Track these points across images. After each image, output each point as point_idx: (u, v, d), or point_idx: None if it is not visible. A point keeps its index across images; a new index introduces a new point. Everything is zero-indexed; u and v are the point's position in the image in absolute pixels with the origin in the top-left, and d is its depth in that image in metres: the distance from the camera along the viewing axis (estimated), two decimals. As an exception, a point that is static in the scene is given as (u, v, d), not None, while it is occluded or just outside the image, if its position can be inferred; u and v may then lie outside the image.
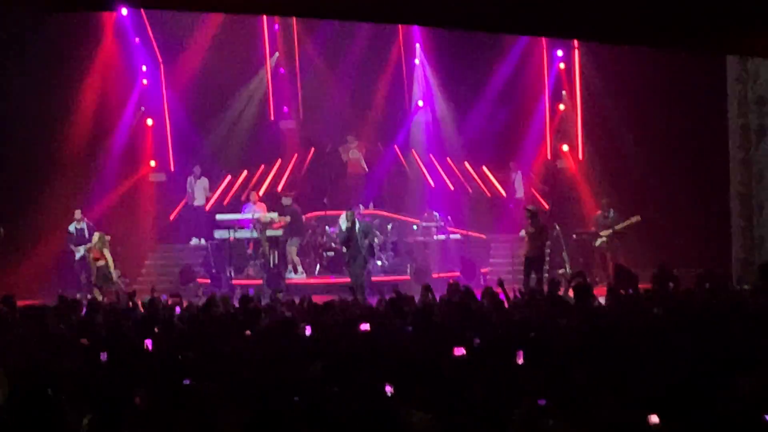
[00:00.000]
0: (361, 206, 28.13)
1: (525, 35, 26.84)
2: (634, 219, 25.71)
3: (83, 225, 26.44)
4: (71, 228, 26.40)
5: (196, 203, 29.09)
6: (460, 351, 10.68)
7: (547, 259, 25.59)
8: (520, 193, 28.77)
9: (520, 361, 10.29)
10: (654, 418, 7.35)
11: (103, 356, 11.06)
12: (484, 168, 29.92)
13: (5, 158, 26.19)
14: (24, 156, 26.46)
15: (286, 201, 26.89)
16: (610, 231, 25.92)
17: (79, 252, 26.12)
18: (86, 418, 8.03)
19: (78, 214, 26.45)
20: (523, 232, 24.92)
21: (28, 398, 7.77)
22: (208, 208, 29.15)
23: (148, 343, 12.12)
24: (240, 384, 9.21)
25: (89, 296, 22.45)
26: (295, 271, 26.70)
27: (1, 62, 25.87)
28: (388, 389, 8.98)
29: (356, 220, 24.45)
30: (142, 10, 27.30)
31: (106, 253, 24.97)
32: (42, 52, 26.28)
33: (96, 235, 25.26)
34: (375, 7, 13.46)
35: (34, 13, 24.86)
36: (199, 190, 28.99)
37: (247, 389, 8.83)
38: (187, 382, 9.52)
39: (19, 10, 23.59)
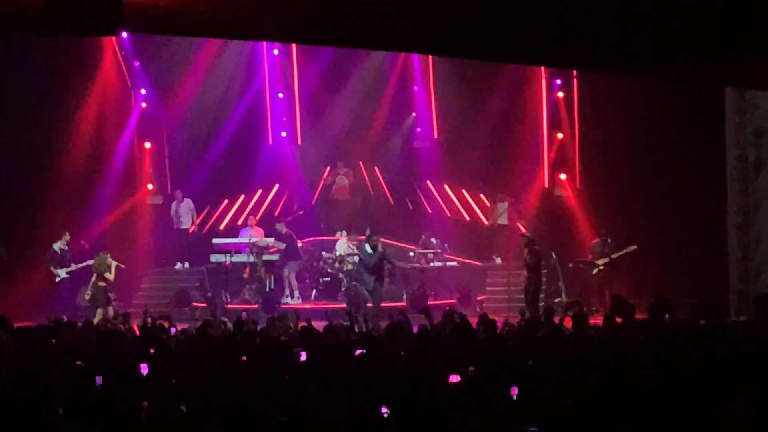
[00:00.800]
0: (354, 234, 28.14)
1: (523, 65, 26.87)
2: (630, 248, 25.73)
3: (66, 247, 26.34)
4: (56, 247, 26.31)
5: (182, 227, 29.01)
6: (455, 378, 10.68)
7: (543, 287, 25.61)
8: (503, 220, 28.57)
9: (514, 394, 10.29)
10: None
11: (98, 380, 11.05)
12: (464, 192, 29.89)
13: (2, 181, 26.20)
14: (21, 177, 26.54)
15: (280, 227, 26.88)
16: (607, 260, 25.94)
17: (59, 276, 26.03)
18: None
19: (67, 236, 26.45)
20: (498, 259, 25.17)
21: (24, 419, 7.77)
22: (191, 230, 29.10)
23: (144, 367, 12.11)
24: (233, 406, 9.20)
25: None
26: (292, 296, 26.68)
27: (1, 84, 25.90)
28: (384, 411, 8.99)
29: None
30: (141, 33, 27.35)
31: (108, 275, 24.84)
32: (41, 73, 26.39)
33: (99, 257, 25.09)
34: (374, 35, 13.50)
35: (34, 37, 24.91)
36: (184, 214, 28.92)
37: (240, 411, 8.82)
38: (182, 407, 9.51)
39: (19, 33, 23.67)
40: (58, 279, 26.09)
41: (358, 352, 13.09)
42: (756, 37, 11.99)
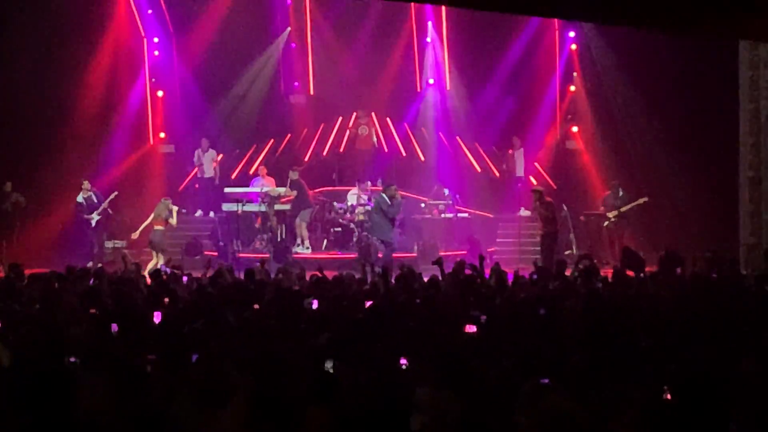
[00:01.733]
0: (369, 183, 28.17)
1: (537, 16, 26.76)
2: (641, 200, 25.74)
3: (91, 194, 26.41)
4: (79, 198, 26.33)
5: (206, 176, 29.05)
6: (471, 328, 10.73)
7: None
8: (520, 171, 28.66)
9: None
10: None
11: (114, 327, 11.13)
12: (477, 145, 29.86)
13: (15, 129, 26.25)
14: (34, 127, 26.57)
15: (293, 175, 26.81)
16: (617, 212, 25.94)
17: (94, 219, 26.13)
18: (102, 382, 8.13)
19: (86, 184, 26.36)
20: (523, 211, 25.22)
21: (40, 364, 7.84)
22: (216, 180, 29.15)
23: (157, 315, 12.19)
24: (246, 354, 9.26)
25: (99, 264, 22.43)
26: (303, 244, 26.71)
27: (13, 33, 25.87)
28: (403, 362, 9.06)
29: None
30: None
31: (171, 220, 25.05)
32: (53, 22, 26.32)
33: (161, 203, 25.26)
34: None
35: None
36: (207, 163, 28.95)
37: (253, 360, 8.88)
38: (195, 356, 9.57)
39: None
40: (93, 223, 26.16)
41: (369, 303, 13.16)
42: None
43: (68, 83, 27.13)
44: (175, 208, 25.19)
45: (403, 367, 9.09)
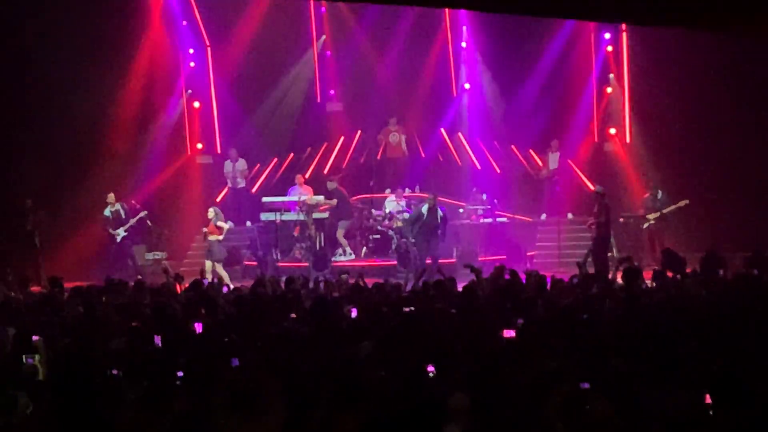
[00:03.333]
0: (407, 189, 28.19)
1: (571, 19, 26.68)
2: (683, 203, 25.58)
3: (118, 207, 26.40)
4: (106, 212, 26.30)
5: (238, 186, 29.10)
6: (509, 333, 10.68)
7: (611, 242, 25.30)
8: (546, 172, 28.54)
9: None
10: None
11: (157, 340, 11.16)
12: (513, 148, 29.77)
13: (52, 142, 26.34)
14: (71, 139, 26.64)
15: (331, 185, 26.80)
16: (658, 214, 25.81)
17: (119, 235, 26.17)
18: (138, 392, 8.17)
19: (111, 197, 26.35)
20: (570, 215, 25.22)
21: (77, 376, 7.87)
22: (254, 190, 29.21)
23: (197, 326, 12.21)
24: (284, 363, 9.26)
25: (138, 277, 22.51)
26: (345, 253, 26.68)
27: (50, 46, 25.99)
28: (430, 369, 9.01)
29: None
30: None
31: (224, 225, 25.19)
32: (90, 34, 26.43)
33: (211, 210, 25.40)
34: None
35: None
36: (238, 173, 28.98)
37: (290, 369, 8.88)
38: (235, 362, 9.59)
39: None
40: (119, 239, 26.18)
41: (407, 309, 13.15)
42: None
43: (104, 96, 27.23)
44: (225, 224, 25.40)
45: (431, 374, 9.03)
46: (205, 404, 7.88)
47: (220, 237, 24.96)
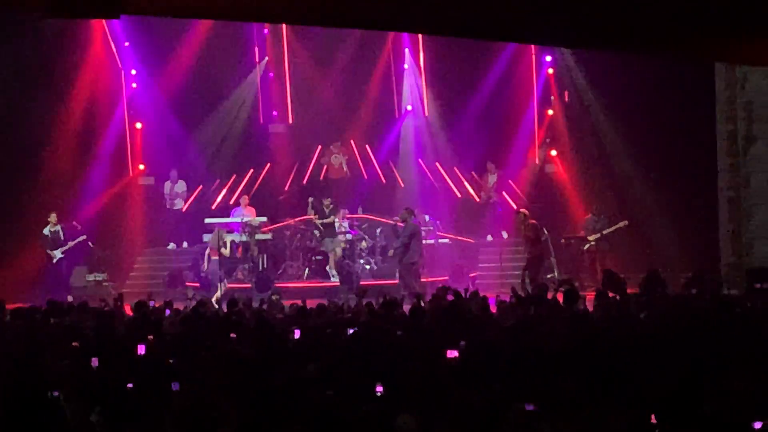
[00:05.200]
0: (346, 210, 28.21)
1: (513, 42, 26.85)
2: (622, 223, 25.83)
3: (58, 228, 26.26)
4: (46, 231, 26.15)
5: (175, 207, 29.03)
6: (453, 353, 10.73)
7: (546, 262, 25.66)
8: (485, 196, 28.74)
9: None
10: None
11: (95, 361, 11.11)
12: (455, 169, 29.90)
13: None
14: (11, 159, 26.46)
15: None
16: (598, 235, 26.01)
17: (55, 256, 26.00)
18: (93, 415, 8.13)
19: (53, 217, 26.21)
20: (505, 234, 25.47)
21: (25, 399, 7.82)
22: (184, 209, 29.11)
23: (141, 348, 12.17)
24: (230, 386, 9.25)
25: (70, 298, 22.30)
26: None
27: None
28: (379, 389, 9.04)
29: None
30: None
31: (224, 250, 25.22)
32: (31, 54, 26.32)
33: (215, 233, 25.56)
34: (363, 14, 13.49)
35: (24, 18, 24.88)
36: (177, 195, 28.92)
37: (237, 391, 8.87)
38: (176, 386, 9.56)
39: (9, 15, 23.63)
40: (54, 260, 26.02)
41: (351, 330, 13.18)
42: (746, 13, 12.01)
43: (46, 117, 27.05)
44: (228, 238, 25.32)
45: (378, 394, 9.07)
46: (155, 427, 7.87)
47: (217, 258, 25.27)
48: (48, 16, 12.13)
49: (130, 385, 9.65)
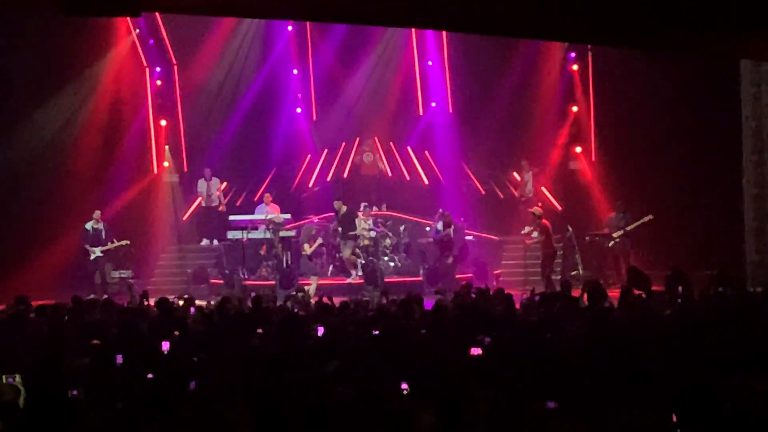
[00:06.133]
0: (374, 207, 28.23)
1: (538, 39, 26.82)
2: (646, 218, 25.71)
3: (100, 226, 26.39)
4: (88, 226, 26.26)
5: (212, 205, 29.09)
6: (476, 351, 10.70)
7: (558, 260, 25.68)
8: (530, 193, 28.70)
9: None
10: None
11: (119, 358, 11.10)
12: (480, 167, 29.88)
13: (19, 159, 26.28)
14: (38, 157, 26.56)
15: (338, 205, 26.57)
16: (622, 232, 25.93)
17: (94, 253, 26.10)
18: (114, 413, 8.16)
19: (97, 214, 26.34)
20: (526, 229, 25.53)
21: (44, 397, 7.84)
22: (220, 208, 29.19)
23: (165, 345, 12.18)
24: (251, 383, 9.25)
25: (104, 296, 22.42)
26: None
27: (16, 64, 25.95)
28: (404, 387, 9.03)
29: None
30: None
31: (306, 247, 25.64)
32: (55, 53, 26.40)
33: (305, 228, 26.10)
34: (387, 11, 13.50)
35: (51, 16, 24.98)
36: (213, 192, 28.99)
37: (258, 388, 8.86)
38: (194, 384, 9.56)
39: (34, 14, 23.74)
40: (92, 257, 26.11)
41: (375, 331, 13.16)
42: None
43: (71, 115, 27.17)
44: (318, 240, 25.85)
45: (404, 392, 9.06)
46: (174, 425, 7.87)
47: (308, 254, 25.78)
48: (68, 15, 12.11)
49: (151, 383, 9.66)
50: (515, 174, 29.60)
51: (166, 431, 7.85)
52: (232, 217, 27.69)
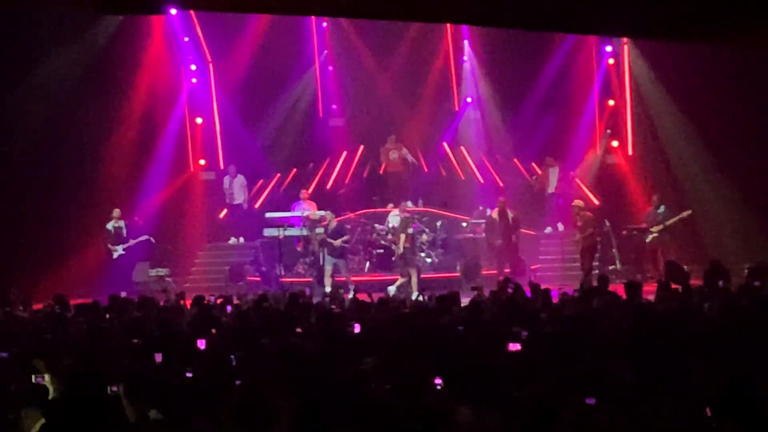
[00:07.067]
0: (410, 203, 28.24)
1: (574, 33, 26.73)
2: (685, 213, 25.55)
3: (121, 224, 26.45)
4: (109, 226, 26.31)
5: (235, 202, 29.11)
6: (515, 346, 10.66)
7: (597, 254, 25.56)
8: (551, 188, 28.58)
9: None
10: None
11: (158, 357, 11.14)
12: (516, 162, 29.83)
13: (57, 159, 26.40)
14: (75, 156, 26.67)
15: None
16: (661, 227, 25.78)
17: (117, 251, 26.17)
18: (151, 412, 8.18)
19: (117, 212, 26.40)
20: (553, 228, 25.53)
21: (85, 395, 7.87)
22: (257, 206, 29.23)
23: (201, 343, 12.20)
24: (290, 380, 9.25)
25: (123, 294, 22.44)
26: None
27: (51, 62, 26.07)
28: (438, 381, 9.01)
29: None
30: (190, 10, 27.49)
31: (402, 237, 25.37)
32: (92, 52, 26.53)
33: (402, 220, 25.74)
34: (422, 7, 13.50)
35: (86, 14, 25.11)
36: (237, 189, 29.01)
37: (297, 385, 8.87)
38: (237, 382, 9.58)
39: (72, 10, 23.85)
40: (115, 255, 26.19)
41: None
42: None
43: (107, 113, 27.22)
44: (409, 230, 25.63)
45: (438, 387, 9.04)
46: (214, 422, 7.89)
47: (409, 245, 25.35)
48: (103, 13, 12.21)
49: (189, 380, 9.69)
50: (537, 168, 29.49)
51: (206, 428, 7.86)
52: (268, 214, 27.69)
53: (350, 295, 20.08)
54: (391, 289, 23.66)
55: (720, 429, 7.11)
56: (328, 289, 23.51)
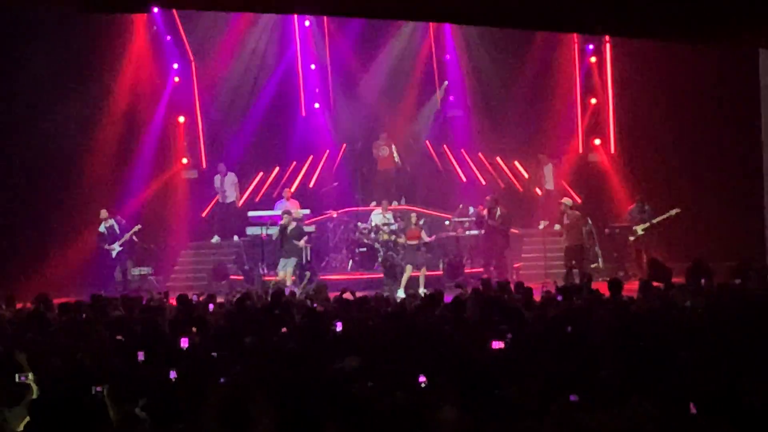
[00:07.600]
0: (395, 202, 28.25)
1: (556, 31, 26.76)
2: (674, 211, 25.47)
3: (112, 222, 26.43)
4: (101, 228, 26.33)
5: (227, 201, 29.06)
6: (498, 344, 10.68)
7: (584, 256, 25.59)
8: (550, 185, 28.63)
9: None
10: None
11: (140, 355, 11.12)
12: (516, 163, 29.85)
13: (37, 158, 26.34)
14: (56, 155, 26.60)
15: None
16: (648, 225, 25.76)
17: (115, 250, 26.15)
18: (138, 409, 8.18)
19: (104, 213, 26.39)
20: (557, 226, 25.45)
21: (69, 394, 7.86)
22: (240, 204, 29.20)
23: (184, 341, 12.19)
24: (273, 379, 9.25)
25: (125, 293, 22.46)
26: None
27: (33, 61, 25.98)
28: (422, 380, 9.02)
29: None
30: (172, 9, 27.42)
31: (423, 234, 25.59)
32: (73, 50, 26.45)
33: (413, 216, 25.92)
34: (405, 5, 13.49)
35: (67, 13, 25.04)
36: (228, 187, 28.98)
37: (279, 384, 8.87)
38: (221, 380, 9.58)
39: (53, 9, 23.77)
40: (114, 253, 26.18)
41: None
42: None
43: (89, 112, 27.16)
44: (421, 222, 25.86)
45: (422, 385, 9.05)
46: (193, 422, 7.88)
47: (416, 242, 25.52)
48: (83, 12, 12.17)
49: (173, 379, 9.68)
50: (518, 166, 29.53)
51: (188, 427, 7.86)
52: (251, 213, 27.68)
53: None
54: (400, 293, 23.60)
55: (704, 425, 7.13)
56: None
